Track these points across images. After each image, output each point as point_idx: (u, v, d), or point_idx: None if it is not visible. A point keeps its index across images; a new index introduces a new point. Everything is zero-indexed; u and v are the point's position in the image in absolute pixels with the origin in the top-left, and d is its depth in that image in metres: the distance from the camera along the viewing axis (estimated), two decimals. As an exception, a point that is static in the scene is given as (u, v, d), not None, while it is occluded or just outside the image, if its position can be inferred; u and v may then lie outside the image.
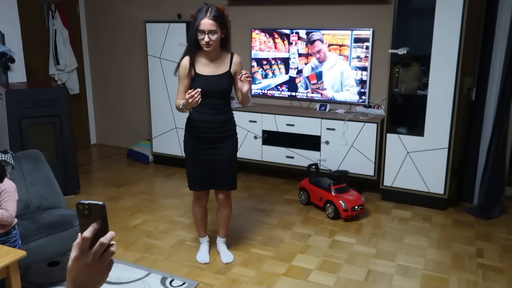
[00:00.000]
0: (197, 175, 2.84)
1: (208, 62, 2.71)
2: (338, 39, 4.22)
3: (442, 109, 3.65)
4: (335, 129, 4.07)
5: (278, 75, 4.58)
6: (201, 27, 2.55)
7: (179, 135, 4.82)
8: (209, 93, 2.66)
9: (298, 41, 4.42)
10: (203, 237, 3.07)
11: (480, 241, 3.31)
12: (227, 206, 2.98)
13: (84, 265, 0.83)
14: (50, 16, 5.05)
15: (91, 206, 0.82)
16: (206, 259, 2.98)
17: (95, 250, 0.82)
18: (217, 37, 2.60)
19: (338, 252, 3.13)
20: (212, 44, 2.59)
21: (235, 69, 2.75)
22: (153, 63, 4.81)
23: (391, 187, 3.96)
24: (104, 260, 0.84)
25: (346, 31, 4.18)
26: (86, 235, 0.81)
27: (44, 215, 2.73)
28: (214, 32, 2.57)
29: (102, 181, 4.58)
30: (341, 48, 4.22)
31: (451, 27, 3.50)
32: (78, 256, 0.82)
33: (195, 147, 2.81)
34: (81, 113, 5.72)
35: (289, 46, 4.47)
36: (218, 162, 2.80)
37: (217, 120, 2.74)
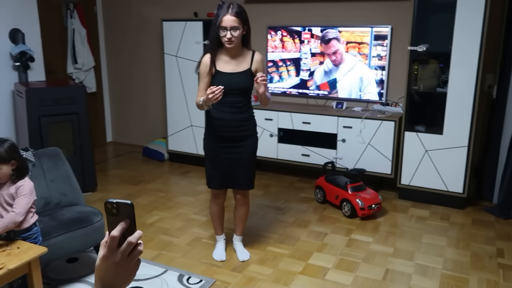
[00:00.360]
0: (216, 174, 2.84)
1: (229, 60, 2.70)
2: (356, 37, 4.18)
3: (462, 106, 3.60)
4: (352, 127, 4.03)
5: (286, 78, 4.55)
6: (223, 24, 2.54)
7: (195, 133, 4.84)
8: (230, 91, 2.65)
9: (311, 39, 4.38)
10: (219, 234, 3.07)
11: (500, 240, 3.26)
12: (245, 205, 2.98)
13: (112, 264, 0.83)
14: (68, 16, 5.10)
15: (119, 205, 0.82)
16: (222, 257, 2.99)
17: (123, 249, 0.82)
18: (239, 34, 2.59)
19: (355, 250, 3.11)
20: (234, 40, 2.58)
21: (256, 66, 2.74)
22: (170, 62, 4.83)
23: (408, 185, 3.91)
24: (132, 259, 0.84)
25: (365, 28, 4.13)
26: (114, 234, 0.82)
27: (64, 212, 2.77)
28: (236, 29, 2.55)
29: (119, 179, 4.62)
30: (360, 46, 4.18)
31: (472, 23, 3.44)
32: (107, 254, 0.83)
33: (215, 146, 2.80)
34: (98, 111, 5.78)
35: (301, 44, 4.43)
36: (237, 161, 2.79)
37: (237, 119, 2.73)
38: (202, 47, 4.59)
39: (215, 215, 3.01)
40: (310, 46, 4.40)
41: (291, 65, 4.54)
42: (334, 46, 4.31)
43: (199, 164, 4.93)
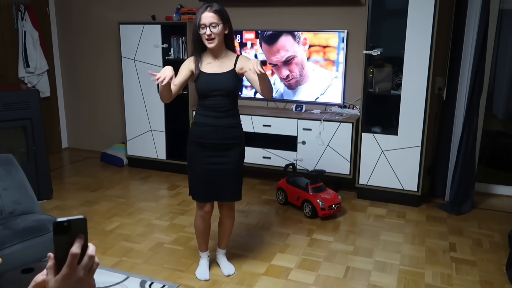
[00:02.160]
0: (200, 185, 2.66)
1: (213, 60, 2.61)
2: (321, 39, 4.27)
3: (415, 108, 3.75)
4: (311, 129, 4.11)
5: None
6: (202, 21, 2.47)
7: (155, 137, 4.77)
8: (213, 92, 2.56)
9: (256, 42, 4.43)
10: (203, 251, 2.87)
11: (452, 235, 3.42)
12: (230, 217, 2.83)
13: (77, 282, 0.81)
14: (19, 18, 4.91)
15: (71, 222, 0.79)
16: (206, 276, 2.80)
17: (85, 263, 0.81)
18: (220, 30, 2.50)
19: (316, 250, 3.17)
20: (215, 38, 2.49)
21: (241, 64, 2.59)
22: (127, 65, 4.75)
23: (366, 185, 4.04)
24: (93, 273, 0.84)
25: (331, 32, 4.23)
26: (76, 251, 0.80)
27: (18, 221, 2.65)
28: (216, 25, 2.48)
29: (76, 186, 4.48)
30: (325, 50, 4.27)
31: (423, 28, 3.61)
32: (69, 273, 0.81)
33: (198, 154, 2.64)
34: (52, 117, 5.59)
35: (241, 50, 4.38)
36: (222, 172, 2.64)
37: (221, 125, 2.59)
38: (161, 51, 4.54)
39: (200, 230, 2.80)
40: (255, 51, 4.40)
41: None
42: (285, 48, 4.33)
43: (159, 168, 4.87)
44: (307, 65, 4.31)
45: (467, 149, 3.81)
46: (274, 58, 4.42)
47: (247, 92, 4.65)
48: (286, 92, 4.45)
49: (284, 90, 4.45)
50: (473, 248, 3.22)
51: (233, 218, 2.86)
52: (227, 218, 2.83)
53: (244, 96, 4.67)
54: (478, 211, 3.89)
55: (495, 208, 3.97)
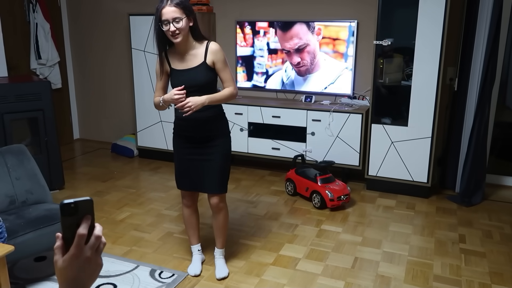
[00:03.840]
0: (183, 175, 2.66)
1: (181, 56, 2.50)
2: (331, 32, 4.24)
3: (425, 99, 3.72)
4: (321, 120, 4.10)
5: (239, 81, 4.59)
6: (164, 17, 2.32)
7: (164, 128, 4.80)
8: (187, 88, 2.44)
9: (270, 31, 4.40)
10: (194, 244, 2.84)
11: (462, 227, 3.40)
12: (220, 211, 2.71)
13: (85, 261, 0.83)
14: (31, 10, 4.95)
15: (78, 204, 0.81)
16: (196, 271, 2.76)
17: (92, 243, 0.83)
18: (184, 25, 2.35)
19: (325, 241, 3.18)
20: (180, 33, 2.36)
21: (211, 58, 2.47)
22: (137, 56, 4.77)
23: (375, 176, 4.02)
24: (100, 253, 0.86)
25: (342, 23, 4.20)
26: (82, 232, 0.82)
27: (31, 210, 2.71)
28: (179, 20, 2.33)
29: (87, 176, 4.54)
30: (335, 42, 4.25)
31: (434, 18, 3.56)
32: (76, 253, 0.83)
33: (181, 146, 2.63)
34: (64, 108, 5.65)
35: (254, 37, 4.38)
36: (206, 163, 2.59)
37: (201, 118, 2.51)
38: (171, 42, 4.55)
39: (187, 220, 2.79)
40: (267, 39, 4.37)
41: (242, 66, 4.51)
42: (299, 36, 4.31)
43: (169, 159, 4.89)
44: (318, 54, 4.29)
45: (478, 140, 3.76)
46: (288, 44, 4.39)
47: (257, 81, 4.64)
48: (297, 79, 4.43)
49: (294, 77, 4.43)
50: (483, 239, 3.20)
51: (224, 212, 2.74)
52: (217, 213, 2.72)
53: (253, 87, 4.66)
54: (489, 203, 3.85)
55: (506, 199, 3.93)
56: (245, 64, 4.54)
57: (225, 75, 2.54)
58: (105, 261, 2.87)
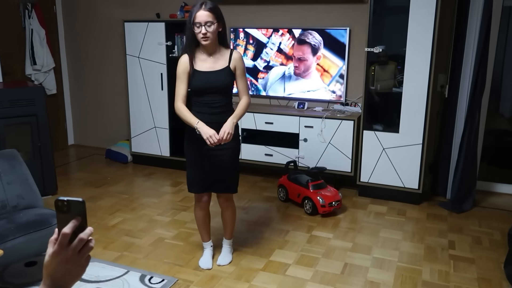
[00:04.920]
0: (197, 177, 2.77)
1: (207, 58, 2.65)
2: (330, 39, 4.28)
3: (416, 106, 3.75)
4: (313, 127, 4.13)
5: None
6: (197, 20, 2.51)
7: (159, 134, 4.82)
8: (208, 90, 2.63)
9: (286, 35, 4.41)
10: (206, 241, 3.00)
11: (452, 233, 3.42)
12: (228, 208, 2.91)
13: (63, 260, 0.85)
14: (26, 16, 4.99)
15: (71, 203, 0.83)
16: (208, 265, 2.91)
17: (75, 245, 0.84)
18: (214, 29, 2.55)
19: (315, 246, 3.19)
20: (210, 36, 2.54)
21: (234, 64, 2.68)
22: (132, 63, 4.80)
23: (367, 183, 4.04)
24: (83, 255, 0.86)
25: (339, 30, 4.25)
26: (66, 231, 0.83)
27: (21, 215, 2.72)
28: (211, 24, 2.52)
29: (81, 181, 4.55)
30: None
31: (425, 26, 3.60)
32: (58, 251, 0.84)
33: (195, 149, 2.73)
34: (59, 114, 5.67)
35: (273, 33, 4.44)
36: (218, 165, 2.72)
37: (216, 121, 2.64)
38: (165, 48, 4.59)
39: (200, 221, 2.93)
40: (281, 40, 4.43)
41: (252, 45, 4.57)
42: (304, 53, 4.35)
43: (163, 165, 4.91)
44: (313, 67, 4.34)
45: (469, 147, 3.80)
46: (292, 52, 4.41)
47: (250, 88, 4.67)
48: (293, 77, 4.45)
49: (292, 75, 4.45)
50: (472, 246, 3.22)
51: (232, 209, 2.93)
52: (225, 210, 2.92)
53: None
54: (480, 209, 3.88)
55: (496, 206, 3.96)
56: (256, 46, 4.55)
57: (242, 84, 2.76)
58: (95, 266, 2.88)
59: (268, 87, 4.58)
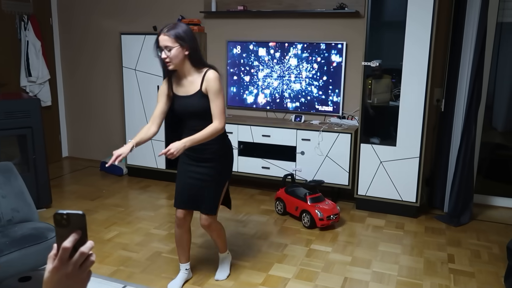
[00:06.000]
0: (178, 191, 2.72)
1: (182, 82, 2.56)
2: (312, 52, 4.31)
3: (413, 119, 3.77)
4: (310, 140, 4.13)
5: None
6: (159, 44, 2.43)
7: (154, 147, 4.79)
8: (185, 114, 2.56)
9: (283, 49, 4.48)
10: (182, 262, 2.86)
11: (451, 247, 3.41)
12: (209, 230, 2.78)
13: (63, 276, 0.82)
14: (22, 27, 4.97)
15: (70, 216, 0.81)
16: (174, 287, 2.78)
17: (76, 260, 0.81)
18: (176, 53, 2.40)
19: (314, 260, 3.16)
20: (171, 61, 2.42)
21: (205, 85, 2.50)
22: (128, 75, 4.78)
23: (365, 196, 4.04)
24: (84, 270, 0.84)
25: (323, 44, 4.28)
26: (66, 245, 0.81)
27: (16, 229, 2.66)
28: (170, 48, 2.39)
29: (75, 194, 4.49)
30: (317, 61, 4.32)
31: (421, 40, 3.64)
32: (58, 266, 0.81)
33: (181, 163, 2.70)
34: (53, 126, 5.62)
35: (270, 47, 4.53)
36: (199, 182, 2.65)
37: (197, 148, 2.55)
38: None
39: (177, 238, 2.81)
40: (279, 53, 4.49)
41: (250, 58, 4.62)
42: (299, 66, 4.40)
43: (159, 178, 4.88)
44: (308, 80, 4.36)
45: (466, 161, 3.81)
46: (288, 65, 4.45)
47: (247, 101, 4.67)
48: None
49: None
50: (471, 259, 3.21)
51: (214, 231, 2.80)
52: (208, 231, 2.80)
53: (244, 106, 4.69)
54: (477, 223, 3.88)
55: (494, 219, 3.97)
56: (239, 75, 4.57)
57: (214, 107, 2.50)
58: (91, 281, 2.80)
59: (263, 100, 4.59)
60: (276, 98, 4.54)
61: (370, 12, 3.80)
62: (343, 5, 4.17)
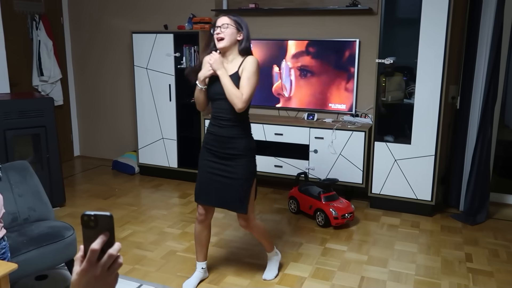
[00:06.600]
0: (200, 187, 2.69)
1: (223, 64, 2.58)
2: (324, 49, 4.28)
3: (428, 117, 3.73)
4: (324, 138, 4.10)
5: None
6: (217, 24, 2.55)
7: (166, 145, 4.79)
8: (216, 95, 2.55)
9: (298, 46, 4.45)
10: (199, 261, 2.83)
11: (468, 246, 3.37)
12: (248, 229, 2.76)
13: (92, 278, 0.80)
14: (34, 27, 4.98)
15: (98, 217, 0.79)
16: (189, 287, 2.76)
17: (104, 262, 0.80)
18: (230, 32, 2.50)
19: (330, 259, 3.14)
20: (224, 38, 2.50)
21: (242, 67, 2.52)
22: (140, 74, 4.78)
23: (379, 194, 4.00)
24: (112, 272, 0.82)
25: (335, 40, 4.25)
26: (95, 247, 0.79)
27: (33, 227, 2.66)
28: (227, 26, 2.50)
29: (88, 193, 4.50)
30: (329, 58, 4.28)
31: (436, 37, 3.60)
32: (86, 268, 0.80)
33: (205, 158, 2.67)
34: (65, 125, 5.64)
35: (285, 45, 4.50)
36: (225, 180, 2.61)
37: (223, 135, 2.58)
38: (173, 59, 4.57)
39: (196, 234, 2.79)
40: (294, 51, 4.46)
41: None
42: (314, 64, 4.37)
43: (171, 177, 4.87)
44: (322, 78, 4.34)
45: (482, 159, 3.77)
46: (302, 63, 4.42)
47: (258, 100, 4.64)
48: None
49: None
50: (489, 258, 3.17)
51: (254, 229, 2.77)
52: (246, 230, 2.79)
53: (255, 104, 4.67)
54: (493, 221, 3.84)
55: (510, 218, 3.92)
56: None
57: (242, 82, 2.49)
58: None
59: (275, 98, 4.56)
60: (289, 96, 4.51)
61: (384, 9, 3.76)
62: (356, 2, 4.13)
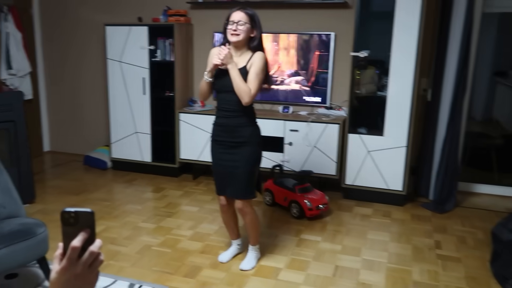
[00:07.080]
0: (216, 179, 2.86)
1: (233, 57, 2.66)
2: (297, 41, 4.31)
3: (400, 109, 3.81)
4: (298, 130, 4.14)
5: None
6: (231, 18, 2.59)
7: (140, 139, 4.73)
8: (223, 88, 2.66)
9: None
10: (232, 239, 3.10)
11: (437, 233, 3.48)
12: (245, 215, 2.86)
13: (72, 276, 0.79)
14: (2, 19, 4.82)
15: (79, 214, 0.78)
16: (223, 259, 3.01)
17: (85, 259, 0.79)
18: (245, 29, 2.59)
19: (305, 250, 3.19)
20: (240, 34, 2.58)
21: (251, 62, 2.64)
22: (113, 67, 4.70)
23: (352, 185, 4.08)
24: (93, 270, 0.82)
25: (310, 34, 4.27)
26: (76, 245, 0.78)
27: (3, 225, 2.59)
28: (243, 23, 2.58)
29: (58, 189, 4.41)
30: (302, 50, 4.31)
31: (409, 30, 3.67)
32: (66, 266, 0.79)
33: (214, 151, 2.81)
34: (34, 119, 5.49)
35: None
36: (232, 169, 2.74)
37: (230, 124, 2.70)
38: (148, 52, 4.51)
39: (224, 222, 3.04)
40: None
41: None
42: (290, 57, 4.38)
43: (144, 171, 4.82)
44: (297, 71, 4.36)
45: (451, 150, 3.88)
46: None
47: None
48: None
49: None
50: (457, 245, 3.29)
51: (249, 215, 2.87)
52: (242, 215, 2.90)
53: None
54: (461, 210, 3.97)
55: (477, 206, 4.06)
56: None
57: (251, 77, 2.62)
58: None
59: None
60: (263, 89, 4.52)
61: (360, 3, 3.81)
62: (330, -4, 4.16)
